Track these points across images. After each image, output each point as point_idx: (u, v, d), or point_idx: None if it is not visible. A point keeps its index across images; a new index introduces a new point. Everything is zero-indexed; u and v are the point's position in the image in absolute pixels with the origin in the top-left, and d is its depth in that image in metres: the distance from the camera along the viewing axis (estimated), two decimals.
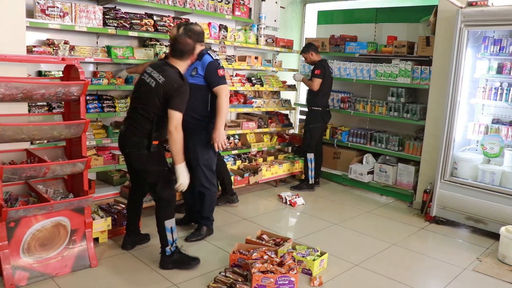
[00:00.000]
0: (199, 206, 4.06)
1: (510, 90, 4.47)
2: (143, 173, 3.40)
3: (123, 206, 4.07)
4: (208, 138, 3.76)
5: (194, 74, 3.69)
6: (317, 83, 5.54)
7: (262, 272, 3.15)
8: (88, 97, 4.23)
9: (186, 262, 3.45)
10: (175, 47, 3.32)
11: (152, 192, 3.47)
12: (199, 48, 3.65)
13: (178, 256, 3.43)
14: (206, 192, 3.94)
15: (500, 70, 4.47)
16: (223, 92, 3.63)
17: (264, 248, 3.52)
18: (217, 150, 3.75)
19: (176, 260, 3.43)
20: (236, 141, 5.74)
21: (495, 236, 4.29)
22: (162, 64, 3.33)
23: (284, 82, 6.32)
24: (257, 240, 3.84)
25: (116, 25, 4.33)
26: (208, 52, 3.76)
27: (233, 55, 5.56)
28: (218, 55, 5.30)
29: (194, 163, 3.82)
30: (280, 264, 3.29)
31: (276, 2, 6.18)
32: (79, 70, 3.22)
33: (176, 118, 3.14)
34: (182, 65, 3.33)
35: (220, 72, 3.67)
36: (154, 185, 3.35)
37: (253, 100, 5.84)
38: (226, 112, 3.66)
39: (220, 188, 4.99)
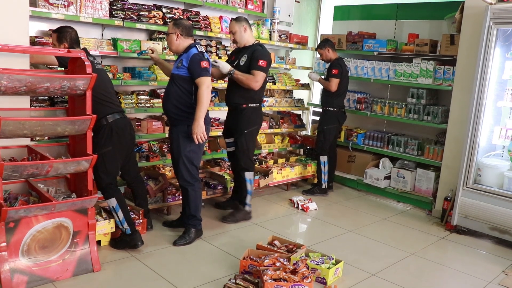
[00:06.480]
0: (184, 205, 4.08)
1: None
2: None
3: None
4: (191, 130, 3.83)
5: (179, 66, 3.85)
6: (334, 83, 5.49)
7: (275, 279, 3.12)
8: None
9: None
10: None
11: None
12: (188, 41, 3.88)
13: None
14: (189, 187, 3.97)
15: None
16: (204, 83, 3.75)
17: (276, 255, 3.49)
18: (196, 142, 3.82)
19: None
20: None
21: None
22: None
23: (297, 80, 6.28)
24: (268, 246, 3.81)
25: (123, 16, 4.32)
26: (196, 45, 3.90)
27: None
28: (223, 49, 5.30)
29: (176, 154, 3.92)
30: (293, 272, 3.26)
31: None
32: (85, 63, 3.20)
33: None
34: None
35: (203, 64, 3.79)
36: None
37: (265, 99, 5.80)
38: (207, 104, 3.79)
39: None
